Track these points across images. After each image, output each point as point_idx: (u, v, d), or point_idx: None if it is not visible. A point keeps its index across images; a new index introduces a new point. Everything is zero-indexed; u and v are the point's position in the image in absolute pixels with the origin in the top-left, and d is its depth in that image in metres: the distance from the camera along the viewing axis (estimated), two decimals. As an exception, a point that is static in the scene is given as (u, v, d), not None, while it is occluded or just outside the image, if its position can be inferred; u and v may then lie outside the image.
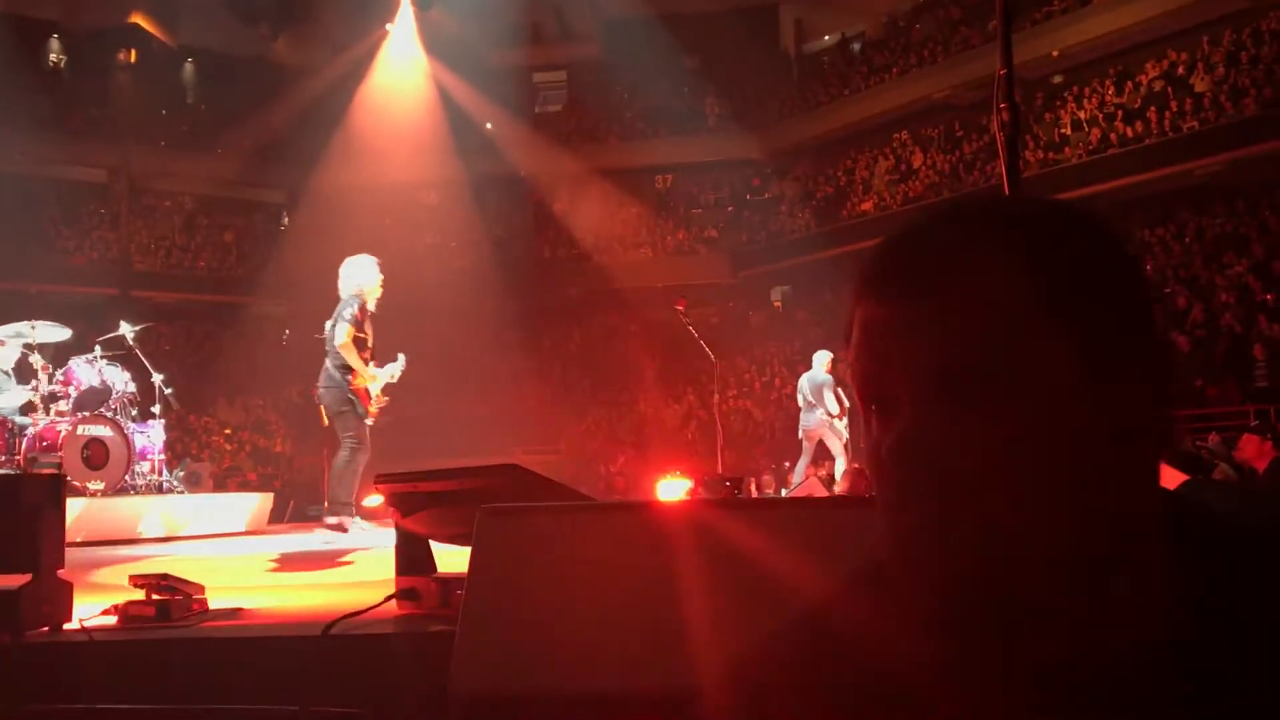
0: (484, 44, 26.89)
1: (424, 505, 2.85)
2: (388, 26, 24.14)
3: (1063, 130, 20.90)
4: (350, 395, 7.26)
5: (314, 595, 3.79)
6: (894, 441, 0.75)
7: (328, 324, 7.45)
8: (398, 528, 3.03)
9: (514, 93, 27.26)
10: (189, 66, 26.51)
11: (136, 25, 23.24)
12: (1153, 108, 19.67)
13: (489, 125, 26.36)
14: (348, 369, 7.24)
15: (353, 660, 2.52)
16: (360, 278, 7.48)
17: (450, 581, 2.79)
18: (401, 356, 7.77)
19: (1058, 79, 22.06)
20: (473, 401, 24.10)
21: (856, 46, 26.84)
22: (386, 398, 7.54)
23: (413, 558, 2.98)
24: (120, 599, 2.93)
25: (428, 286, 26.27)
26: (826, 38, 28.04)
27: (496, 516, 2.04)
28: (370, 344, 7.49)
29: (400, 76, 24.68)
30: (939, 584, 0.73)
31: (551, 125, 27.51)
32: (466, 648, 1.82)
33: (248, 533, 8.92)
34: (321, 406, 7.38)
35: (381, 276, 7.61)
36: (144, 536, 7.95)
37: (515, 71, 28.08)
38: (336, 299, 7.45)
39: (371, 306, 7.50)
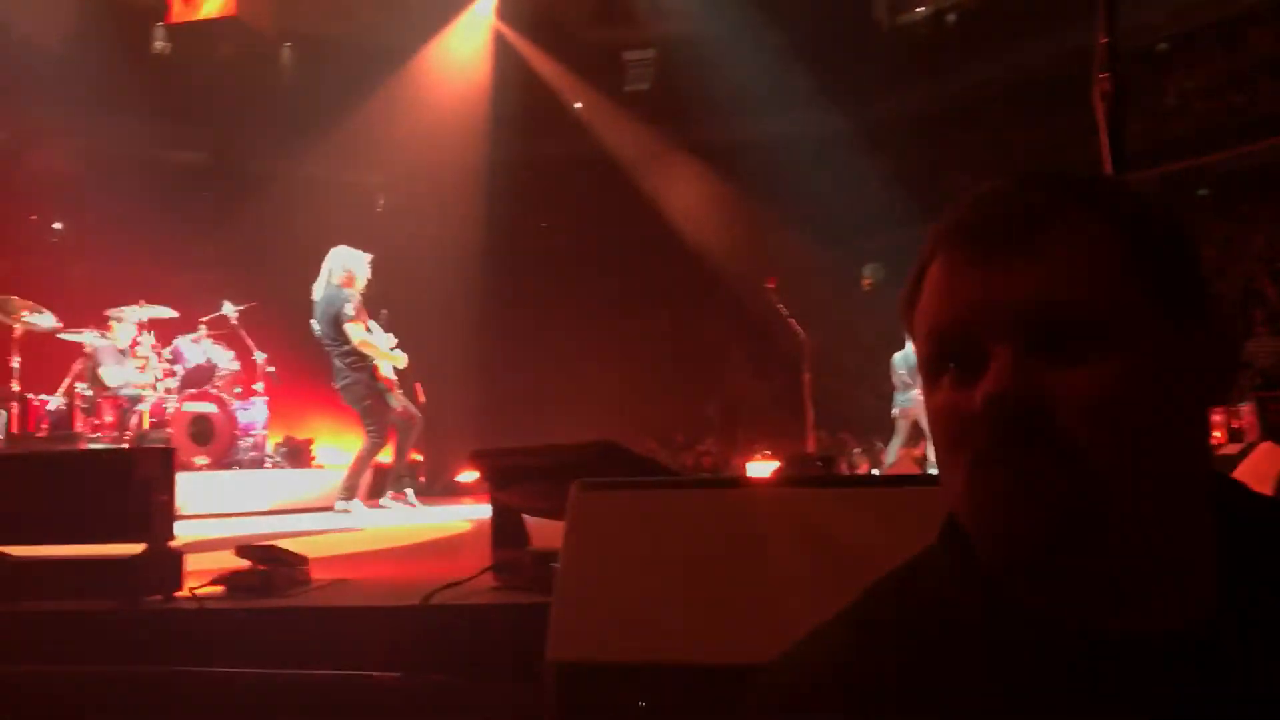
0: (572, 22, 27.01)
1: (518, 480, 2.91)
2: (475, 7, 24.36)
3: (1168, 100, 20.22)
4: (379, 387, 7.28)
5: (412, 566, 3.88)
6: (992, 394, 0.74)
7: (314, 323, 7.40)
8: (493, 502, 3.10)
9: (603, 71, 27.32)
10: (287, 50, 27.07)
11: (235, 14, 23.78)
12: (1264, 76, 18.94)
13: (578, 104, 26.49)
14: (364, 360, 7.23)
15: (450, 630, 2.58)
16: (346, 268, 7.42)
17: (543, 554, 2.84)
18: (383, 317, 7.71)
19: (1162, 46, 21.33)
20: (563, 379, 24.34)
21: (952, 17, 26.28)
22: (403, 362, 7.50)
23: (507, 531, 3.04)
24: (227, 569, 3.05)
25: (520, 266, 26.60)
26: (920, 9, 27.51)
27: (589, 491, 2.07)
28: (369, 329, 7.49)
29: (488, 56, 24.92)
30: (1022, 542, 0.73)
31: (641, 103, 27.50)
32: (561, 618, 1.87)
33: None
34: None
35: (368, 267, 7.58)
36: (248, 510, 8.21)
37: (604, 49, 28.12)
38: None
39: (359, 289, 7.49)
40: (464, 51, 24.49)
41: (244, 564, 3.06)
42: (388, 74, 24.34)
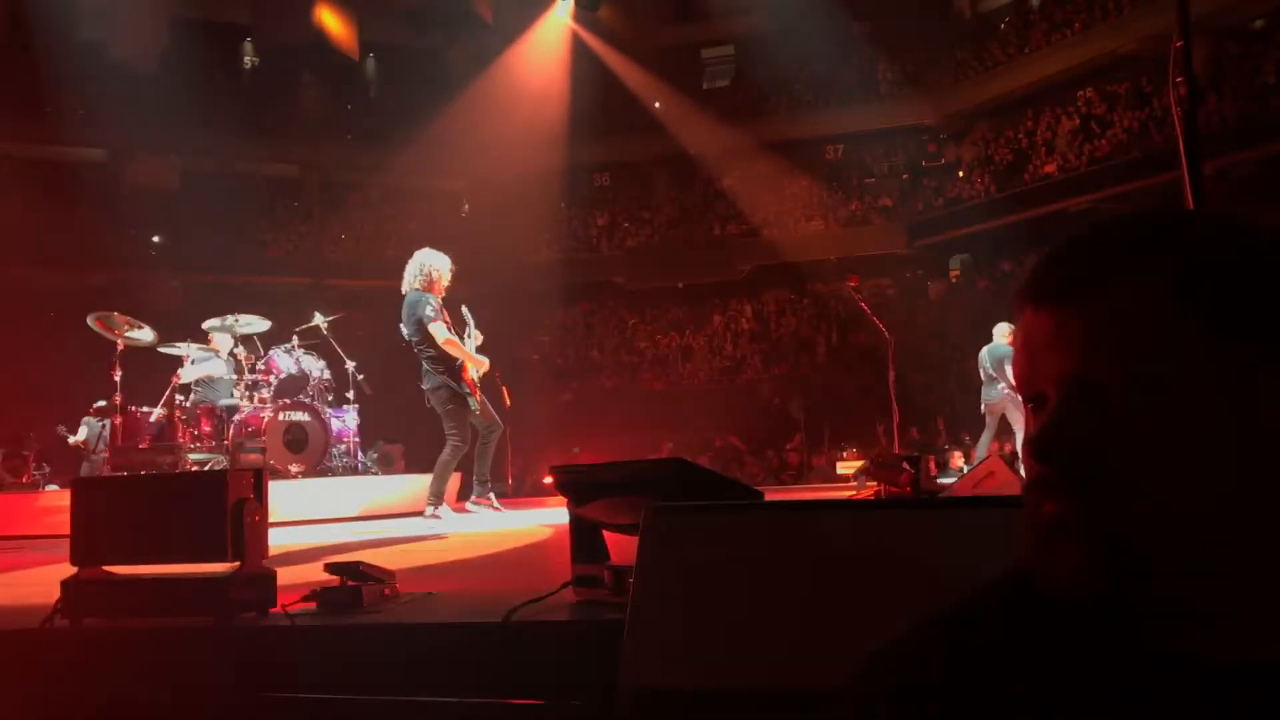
0: (650, 23, 27.02)
1: (595, 496, 2.93)
2: (556, 12, 24.49)
3: (1264, 79, 19.53)
4: (461, 390, 7.28)
5: (496, 577, 3.94)
6: (1031, 435, 0.79)
7: (403, 327, 7.46)
8: (571, 516, 3.13)
9: (681, 70, 27.33)
10: (370, 62, 27.55)
11: (322, 28, 24.22)
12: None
13: (657, 104, 26.49)
14: (449, 363, 7.26)
15: (532, 647, 2.62)
16: (427, 270, 7.46)
17: (624, 570, 2.87)
18: (466, 313, 7.72)
19: (1259, 23, 20.64)
20: (647, 379, 24.42)
21: (1035, 2, 25.73)
22: (487, 367, 7.53)
23: (586, 546, 3.06)
24: (319, 585, 3.13)
25: (600, 266, 26.73)
26: (1003, -4, 26.99)
27: (662, 514, 2.09)
28: (451, 330, 7.48)
29: (567, 59, 25.03)
30: (1071, 578, 0.76)
31: (719, 101, 27.42)
32: (634, 642, 1.88)
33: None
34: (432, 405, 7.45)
35: (450, 268, 7.59)
36: (342, 516, 8.39)
37: (682, 49, 28.13)
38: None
39: (442, 292, 7.52)
40: (542, 56, 24.66)
41: (334, 580, 3.13)
42: (469, 81, 24.59)
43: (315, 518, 8.05)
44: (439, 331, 7.22)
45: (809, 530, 1.98)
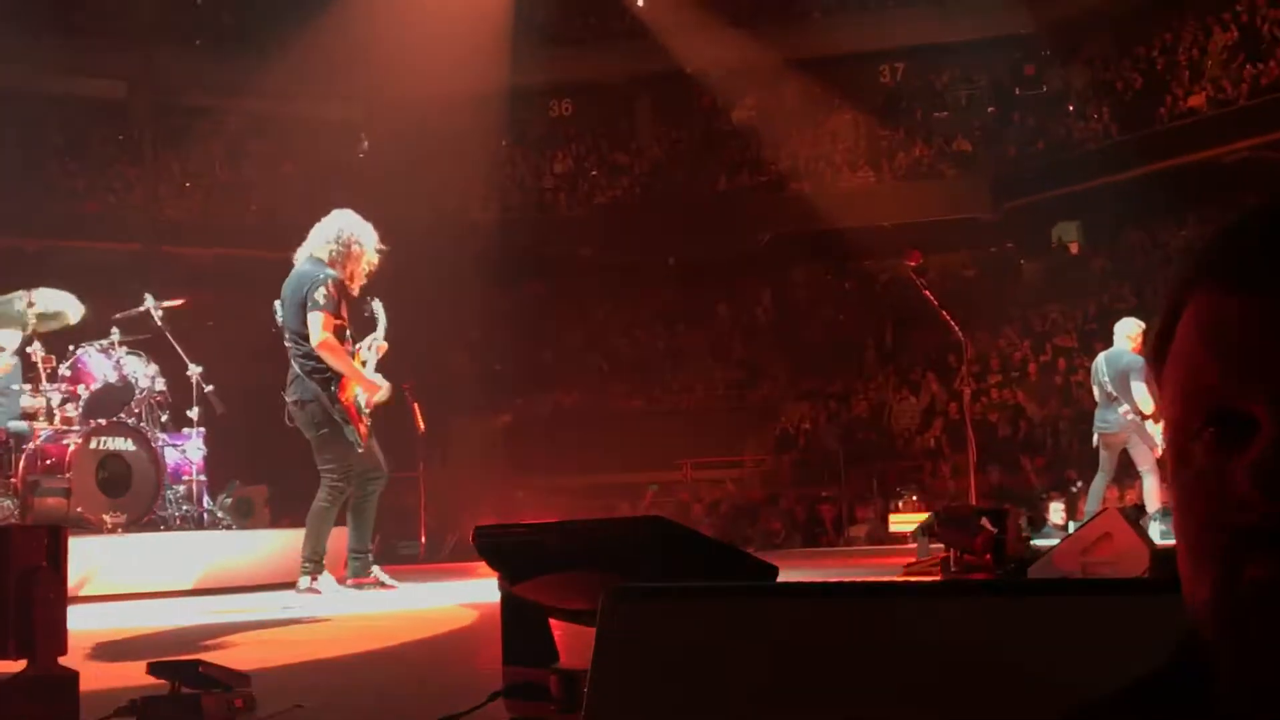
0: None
1: (539, 569, 2.93)
2: None
3: None
4: (334, 411, 7.23)
5: (397, 682, 3.94)
6: (1255, 464, 0.76)
7: (278, 304, 7.49)
8: (504, 597, 3.13)
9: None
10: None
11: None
12: None
13: (639, 2, 26.47)
14: (326, 373, 7.24)
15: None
16: (342, 241, 7.46)
17: (578, 675, 2.87)
18: (379, 309, 7.81)
19: None
20: (623, 393, 24.43)
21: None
22: (384, 394, 7.55)
23: (525, 639, 3.07)
24: (141, 693, 3.12)
25: (558, 231, 26.68)
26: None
27: (629, 597, 2.08)
28: (350, 333, 7.50)
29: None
30: None
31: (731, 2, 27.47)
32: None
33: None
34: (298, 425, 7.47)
35: (378, 247, 7.63)
36: (179, 589, 8.37)
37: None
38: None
39: (358, 281, 7.55)
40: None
41: (162, 685, 3.12)
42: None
43: (140, 590, 8.02)
44: (315, 326, 7.14)
45: (840, 625, 1.98)
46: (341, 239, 7.44)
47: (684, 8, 25.86)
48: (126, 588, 7.97)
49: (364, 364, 7.56)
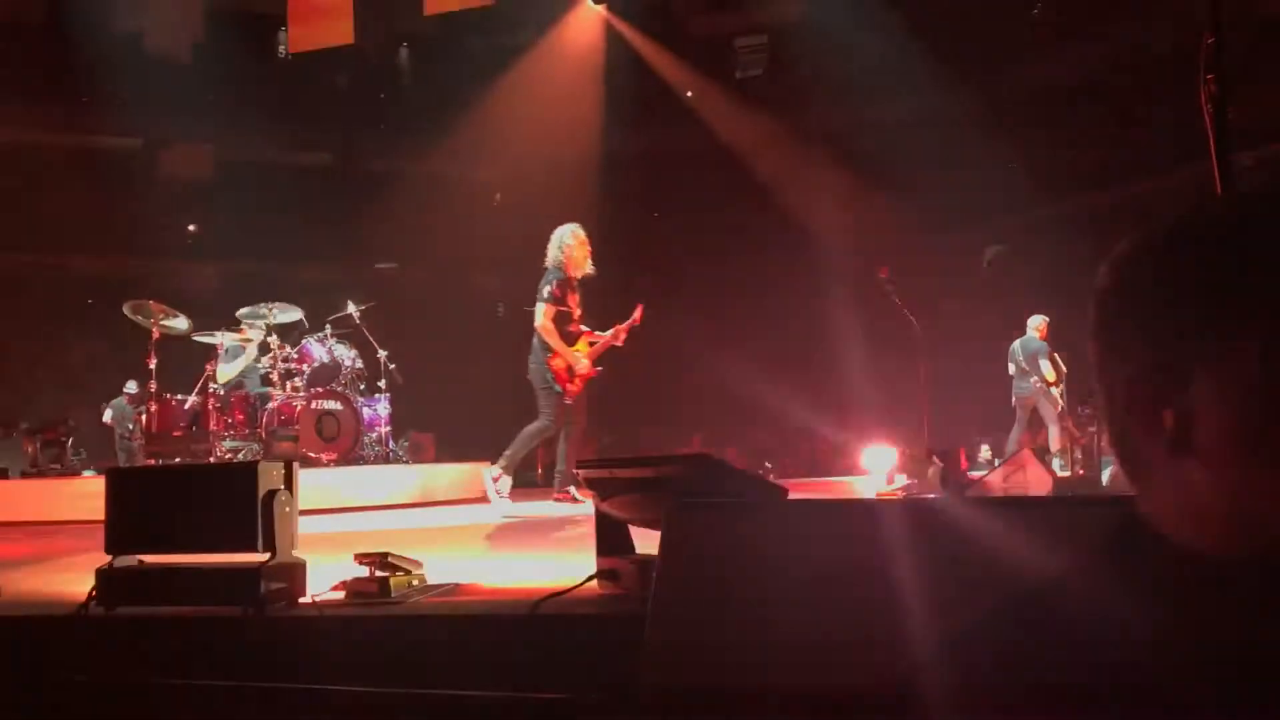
0: (682, 9, 26.87)
1: (619, 491, 2.95)
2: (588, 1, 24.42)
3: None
4: (547, 373, 7.24)
5: (524, 569, 3.97)
6: None
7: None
8: (597, 510, 3.15)
9: (714, 59, 27.15)
10: (404, 52, 27.64)
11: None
12: None
13: (689, 94, 26.37)
14: (546, 347, 7.25)
15: (557, 640, 2.65)
16: (559, 246, 7.40)
17: (648, 563, 2.88)
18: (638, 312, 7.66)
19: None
20: (679, 372, 24.36)
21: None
22: (583, 368, 7.36)
23: (611, 539, 3.09)
24: (348, 575, 3.17)
25: (634, 259, 26.63)
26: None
27: (684, 511, 2.10)
28: (577, 315, 7.43)
29: (599, 48, 24.95)
30: None
31: (753, 90, 27.21)
32: (656, 640, 1.90)
33: (466, 500, 9.34)
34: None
35: (584, 244, 7.48)
36: (374, 504, 8.47)
37: (715, 36, 27.94)
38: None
39: (579, 273, 7.43)
40: (576, 44, 24.60)
41: (362, 570, 3.17)
42: (501, 71, 24.54)
43: (346, 505, 8.13)
44: (538, 315, 7.23)
45: (830, 525, 1.99)
46: (558, 246, 7.42)
47: (715, 96, 25.68)
48: (337, 504, 8.07)
49: (591, 343, 7.50)
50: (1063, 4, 24.60)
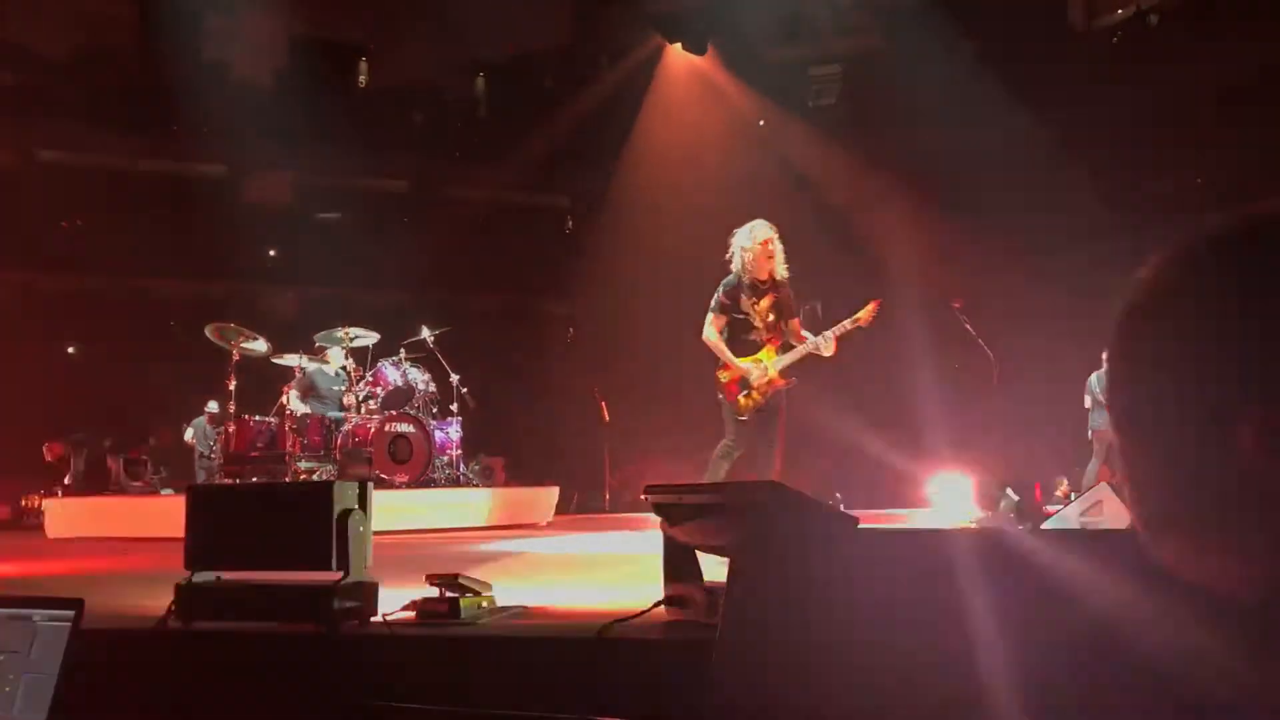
0: (757, 40, 26.92)
1: (688, 517, 2.95)
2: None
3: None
4: (718, 387, 6.59)
5: (590, 594, 3.98)
6: None
7: None
8: (665, 536, 3.15)
9: (787, 88, 27.14)
10: (480, 82, 28.04)
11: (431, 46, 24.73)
12: None
13: (761, 122, 26.36)
14: (717, 359, 6.59)
15: (623, 664, 2.65)
16: (736, 249, 6.63)
17: (716, 590, 2.88)
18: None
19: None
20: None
21: (1154, 18, 24.96)
22: (756, 378, 6.51)
23: (680, 565, 3.09)
24: (419, 595, 3.21)
25: (706, 288, 26.59)
26: (1120, 11, 26.23)
27: (754, 538, 2.10)
28: (764, 322, 6.60)
29: (678, 79, 25.07)
30: None
31: (825, 118, 27.13)
32: (722, 668, 1.90)
33: (533, 526, 9.40)
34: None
35: (765, 244, 6.58)
36: (446, 527, 8.56)
37: (789, 66, 27.94)
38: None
39: (763, 276, 6.57)
40: (649, 72, 24.74)
41: (433, 591, 3.21)
42: (574, 101, 24.77)
43: (418, 527, 8.22)
44: (706, 325, 6.60)
45: (906, 555, 1.97)
46: (736, 250, 6.63)
47: (794, 126, 25.63)
48: (410, 525, 8.17)
49: (784, 352, 6.62)
50: (1140, 33, 24.23)
